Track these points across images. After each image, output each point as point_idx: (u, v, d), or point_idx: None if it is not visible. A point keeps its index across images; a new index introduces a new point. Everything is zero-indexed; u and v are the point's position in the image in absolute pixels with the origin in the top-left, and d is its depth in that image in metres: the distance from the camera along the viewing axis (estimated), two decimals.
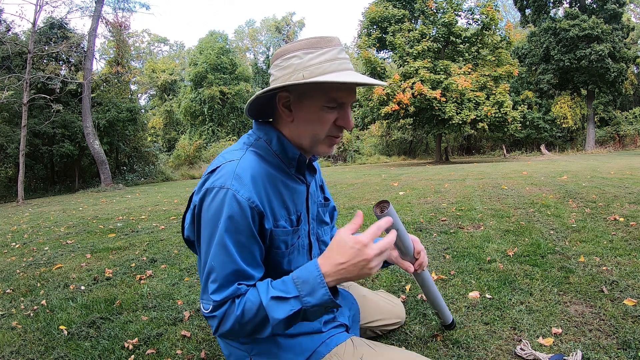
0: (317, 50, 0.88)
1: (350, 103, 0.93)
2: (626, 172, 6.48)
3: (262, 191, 0.90)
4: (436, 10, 18.48)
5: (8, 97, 11.93)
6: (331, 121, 0.92)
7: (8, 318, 2.01)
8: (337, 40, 0.91)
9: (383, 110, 16.73)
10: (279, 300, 0.83)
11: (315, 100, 0.90)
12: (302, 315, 0.84)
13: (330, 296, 0.82)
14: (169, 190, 10.48)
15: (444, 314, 1.39)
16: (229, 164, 0.90)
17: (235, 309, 0.85)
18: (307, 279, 0.83)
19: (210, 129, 26.43)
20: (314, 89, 0.89)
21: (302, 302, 0.82)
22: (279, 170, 0.97)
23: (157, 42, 40.70)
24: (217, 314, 0.85)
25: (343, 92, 0.90)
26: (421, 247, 1.11)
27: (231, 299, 0.86)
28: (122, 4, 16.56)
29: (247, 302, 0.85)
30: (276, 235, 0.94)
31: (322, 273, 0.82)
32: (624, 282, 1.82)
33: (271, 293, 0.84)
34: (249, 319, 0.84)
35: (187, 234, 0.99)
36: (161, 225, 4.47)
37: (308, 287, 0.82)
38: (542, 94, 22.54)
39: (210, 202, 0.87)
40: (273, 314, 0.83)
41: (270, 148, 0.97)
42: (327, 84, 0.87)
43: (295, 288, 0.83)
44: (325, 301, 0.82)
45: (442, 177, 7.77)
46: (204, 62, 25.52)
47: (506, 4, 36.71)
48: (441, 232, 3.09)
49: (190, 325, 1.74)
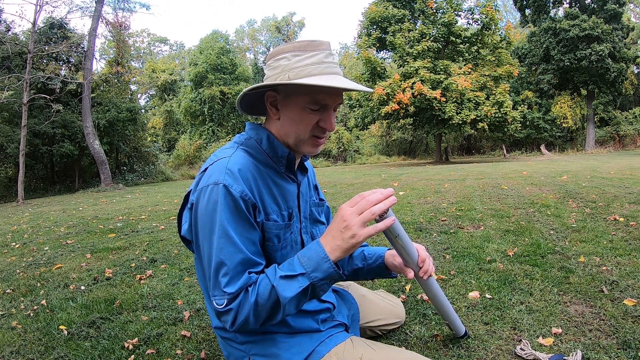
0: (305, 53, 0.91)
1: (334, 105, 0.95)
2: (626, 172, 6.48)
3: (253, 185, 0.93)
4: (436, 10, 18.47)
5: (8, 97, 11.94)
6: (313, 122, 0.94)
7: (8, 318, 2.01)
8: (326, 44, 0.94)
9: (383, 110, 16.73)
10: (288, 278, 0.86)
11: (299, 100, 0.93)
12: (311, 291, 0.88)
13: (335, 268, 0.86)
14: (169, 190, 10.48)
15: (456, 326, 1.36)
16: (220, 161, 0.93)
17: (249, 297, 0.87)
18: (311, 256, 0.88)
19: (210, 129, 26.43)
20: (299, 90, 0.92)
21: (310, 277, 0.86)
22: (269, 168, 0.99)
23: (157, 42, 40.71)
24: (233, 306, 0.86)
25: (326, 95, 0.92)
26: (426, 255, 1.10)
27: (244, 288, 0.87)
28: (122, 4, 16.56)
29: (259, 288, 0.87)
30: (268, 228, 0.96)
31: (324, 248, 0.87)
32: (624, 282, 1.82)
33: (279, 273, 0.87)
34: (262, 304, 0.86)
35: (184, 233, 1.00)
36: (161, 225, 4.47)
37: (313, 263, 0.87)
38: (542, 94, 22.53)
39: (206, 199, 0.89)
40: (283, 293, 0.85)
41: (260, 147, 1.00)
42: (312, 86, 0.89)
43: (301, 266, 0.87)
44: (331, 274, 0.87)
45: (442, 177, 7.77)
46: (204, 62, 25.52)
47: (506, 4, 36.73)
48: (441, 232, 3.09)
49: (190, 325, 1.74)
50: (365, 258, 1.24)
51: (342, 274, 0.89)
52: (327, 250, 0.87)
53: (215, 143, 24.07)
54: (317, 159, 24.31)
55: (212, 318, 1.09)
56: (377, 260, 1.22)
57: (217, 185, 0.88)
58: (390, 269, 1.21)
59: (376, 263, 1.22)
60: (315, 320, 1.07)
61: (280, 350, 1.00)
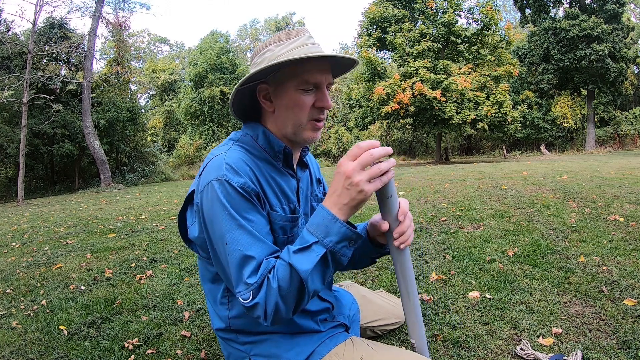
0: (287, 41, 0.93)
1: (325, 83, 0.94)
2: (626, 172, 6.48)
3: (253, 177, 0.92)
4: (436, 10, 18.48)
5: (8, 97, 11.93)
6: (309, 104, 0.94)
7: (8, 318, 2.01)
8: (304, 29, 0.96)
9: (383, 110, 16.74)
10: (302, 251, 0.83)
11: (291, 85, 0.93)
12: (333, 259, 0.83)
13: (348, 227, 0.82)
14: (169, 190, 10.48)
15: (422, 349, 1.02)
16: (217, 158, 0.93)
17: (272, 284, 0.83)
18: (319, 222, 0.84)
19: (211, 129, 26.44)
20: (288, 75, 0.92)
21: (324, 244, 0.82)
22: (267, 163, 0.99)
23: (157, 42, 40.72)
24: (259, 299, 0.83)
25: (314, 72, 0.92)
26: (408, 211, 0.94)
27: (265, 276, 0.84)
28: (122, 4, 16.54)
29: (278, 271, 0.83)
30: (274, 219, 0.95)
31: (330, 211, 0.83)
32: (624, 282, 1.82)
33: (292, 249, 0.84)
34: (286, 287, 0.82)
35: (194, 239, 0.98)
36: (161, 225, 4.47)
37: (323, 228, 0.83)
38: (542, 94, 22.53)
39: (210, 197, 0.89)
40: (301, 266, 0.81)
41: (257, 143, 0.99)
42: (299, 68, 0.90)
43: (311, 234, 0.83)
44: (345, 234, 0.82)
45: (442, 177, 7.77)
46: (205, 62, 25.52)
47: (506, 4, 36.74)
48: (441, 232, 3.09)
49: (190, 325, 1.74)
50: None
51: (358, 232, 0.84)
52: (333, 211, 0.83)
53: (215, 143, 24.07)
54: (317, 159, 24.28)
55: (212, 319, 1.08)
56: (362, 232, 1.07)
57: (218, 181, 0.88)
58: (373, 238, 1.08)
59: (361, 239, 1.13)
60: (314, 321, 1.06)
61: (281, 351, 0.99)
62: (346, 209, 0.83)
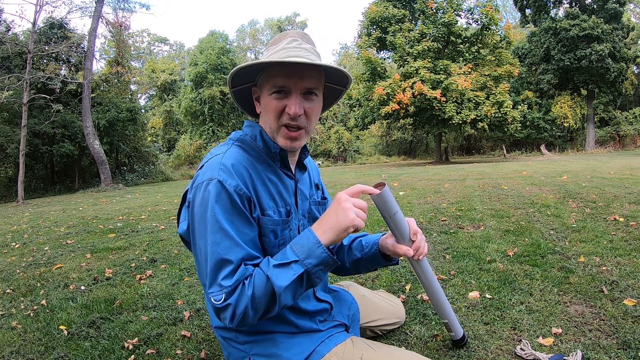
0: (275, 45, 0.97)
1: (296, 89, 0.93)
2: (626, 172, 6.48)
3: (247, 180, 0.93)
4: (436, 10, 18.46)
5: (8, 97, 11.93)
6: (277, 108, 0.94)
7: (8, 318, 2.01)
8: (292, 32, 0.98)
9: (383, 110, 16.73)
10: (281, 267, 0.86)
11: (265, 88, 0.96)
12: (307, 279, 0.87)
13: (329, 253, 0.86)
14: (169, 190, 10.48)
15: (454, 326, 1.29)
16: (215, 158, 0.95)
17: (246, 290, 0.86)
18: (303, 244, 0.88)
19: (211, 129, 26.45)
20: (263, 79, 0.96)
21: (304, 264, 0.86)
22: (265, 165, 1.00)
23: (157, 42, 40.70)
24: (231, 300, 0.85)
25: (279, 76, 0.92)
26: (417, 229, 1.04)
27: (241, 282, 0.87)
28: (122, 4, 16.53)
29: (255, 279, 0.86)
30: (264, 223, 0.96)
31: (316, 235, 0.87)
32: (624, 282, 1.82)
33: (272, 262, 0.87)
34: (259, 296, 0.85)
35: (182, 233, 1.00)
36: (161, 225, 4.47)
37: (306, 249, 0.87)
38: (542, 94, 22.52)
39: (202, 195, 0.90)
40: (277, 282, 0.84)
41: (255, 143, 1.01)
42: (270, 72, 0.93)
43: (293, 253, 0.87)
44: (324, 259, 0.87)
45: (442, 177, 7.77)
46: (204, 62, 25.53)
47: (506, 4, 36.72)
48: (441, 232, 3.09)
49: (190, 325, 1.74)
50: (362, 248, 1.20)
51: (336, 259, 0.89)
52: (318, 234, 0.87)
53: (215, 143, 24.08)
54: (316, 159, 24.31)
55: (212, 318, 1.09)
56: (372, 247, 1.17)
57: (212, 181, 0.89)
58: (386, 254, 1.14)
59: (372, 250, 1.17)
60: (314, 322, 1.07)
61: (281, 350, 1.00)
62: (330, 232, 0.87)
